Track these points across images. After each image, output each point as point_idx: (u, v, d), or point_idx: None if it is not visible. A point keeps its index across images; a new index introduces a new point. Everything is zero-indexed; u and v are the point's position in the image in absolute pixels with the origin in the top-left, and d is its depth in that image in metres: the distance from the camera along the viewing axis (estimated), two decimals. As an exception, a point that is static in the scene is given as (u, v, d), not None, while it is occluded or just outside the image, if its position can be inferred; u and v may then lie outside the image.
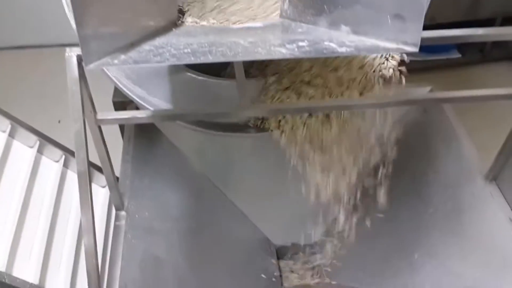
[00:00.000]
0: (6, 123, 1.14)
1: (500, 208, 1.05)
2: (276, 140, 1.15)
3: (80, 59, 0.76)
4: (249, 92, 1.07)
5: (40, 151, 1.21)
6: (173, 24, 0.85)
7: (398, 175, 1.25)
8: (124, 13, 0.69)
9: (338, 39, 0.67)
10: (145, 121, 0.91)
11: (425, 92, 1.19)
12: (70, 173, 1.29)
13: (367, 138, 1.19)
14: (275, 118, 1.15)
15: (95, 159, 1.00)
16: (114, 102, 1.22)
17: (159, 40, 0.71)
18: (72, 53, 0.76)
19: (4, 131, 1.14)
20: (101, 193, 1.38)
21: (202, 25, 0.92)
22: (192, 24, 0.91)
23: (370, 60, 1.03)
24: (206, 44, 0.69)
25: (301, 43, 0.66)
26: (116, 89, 1.17)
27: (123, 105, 1.20)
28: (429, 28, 0.72)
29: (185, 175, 1.29)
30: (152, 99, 1.09)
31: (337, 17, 0.72)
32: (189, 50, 0.66)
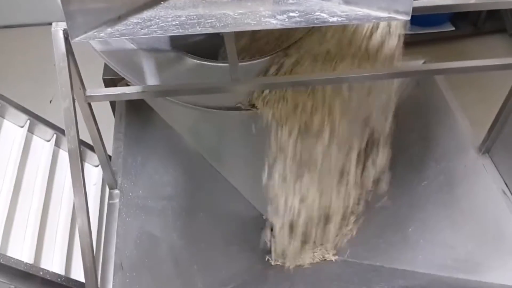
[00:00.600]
0: (-4, 103, 1.13)
1: (493, 181, 1.06)
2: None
3: (67, 34, 0.74)
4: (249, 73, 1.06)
5: (31, 131, 1.20)
6: (162, -2, 0.83)
7: (391, 149, 1.25)
8: (111, -13, 0.67)
9: (330, 9, 0.66)
10: (136, 97, 0.90)
11: (419, 65, 1.18)
12: (62, 153, 1.28)
13: (363, 112, 1.19)
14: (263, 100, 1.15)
15: (88, 138, 1.00)
16: (104, 80, 1.20)
17: (147, 13, 0.70)
18: (58, 28, 0.74)
19: (-6, 111, 1.13)
20: (95, 172, 1.37)
21: (191, -2, 0.90)
22: (181, -3, 0.89)
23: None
24: (195, 16, 0.68)
25: (292, 14, 0.65)
26: (106, 66, 1.15)
27: (114, 82, 1.18)
28: (422, -2, 0.71)
29: (178, 153, 1.29)
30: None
31: (328, -13, 0.70)
32: (177, 22, 0.65)
